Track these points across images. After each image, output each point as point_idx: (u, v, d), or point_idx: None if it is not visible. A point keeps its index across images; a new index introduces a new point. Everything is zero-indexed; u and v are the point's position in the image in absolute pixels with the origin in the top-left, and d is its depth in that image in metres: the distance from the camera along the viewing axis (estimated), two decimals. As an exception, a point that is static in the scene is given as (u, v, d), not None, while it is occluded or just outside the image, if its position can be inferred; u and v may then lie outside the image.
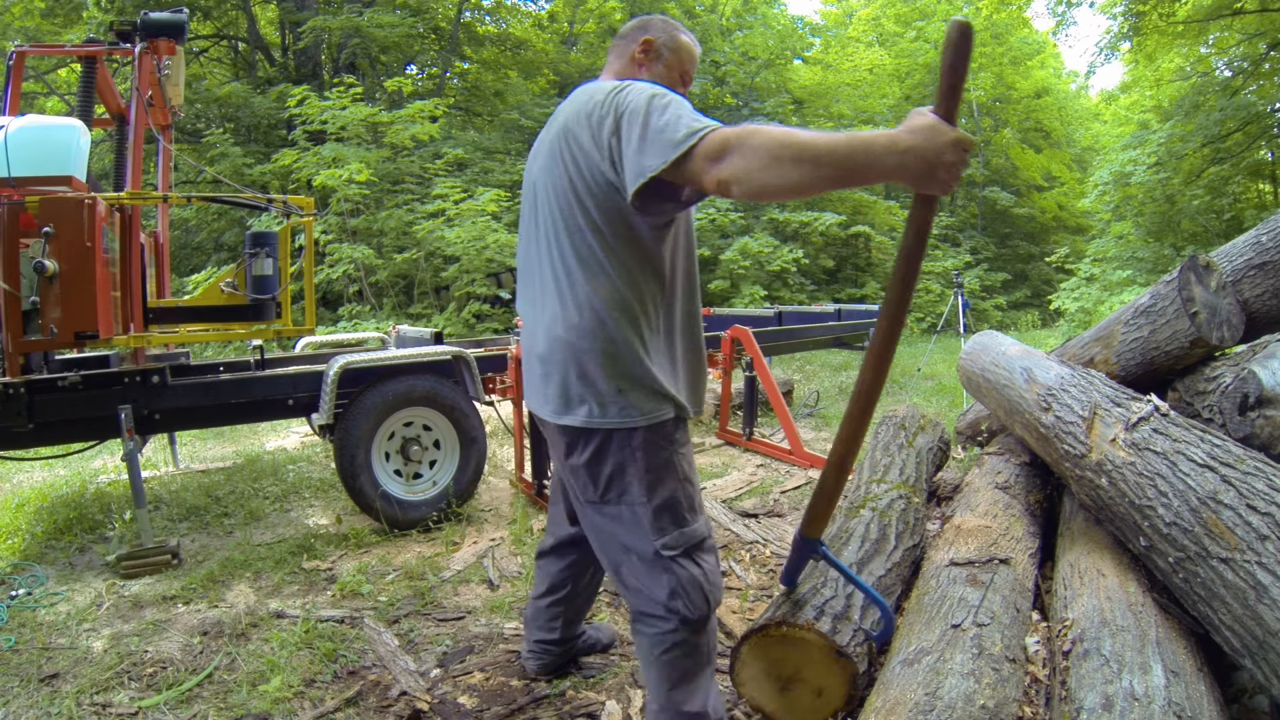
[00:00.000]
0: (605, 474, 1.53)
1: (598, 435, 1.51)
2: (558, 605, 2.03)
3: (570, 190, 1.49)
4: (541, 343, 1.58)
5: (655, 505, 1.53)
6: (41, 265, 2.63)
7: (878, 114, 17.98)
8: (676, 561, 1.53)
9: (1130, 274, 11.73)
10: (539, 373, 1.60)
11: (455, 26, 14.85)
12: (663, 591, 1.53)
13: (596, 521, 1.61)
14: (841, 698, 1.78)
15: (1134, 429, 2.06)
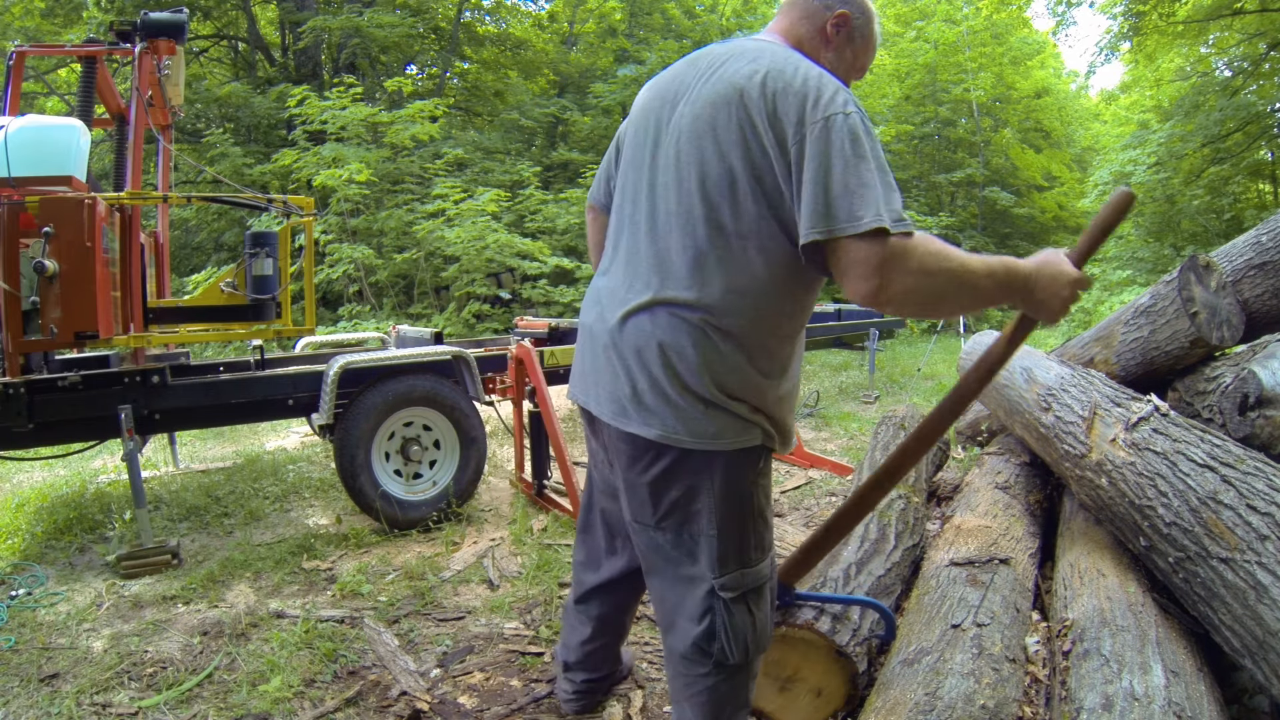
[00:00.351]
0: (671, 497, 1.33)
1: (672, 452, 1.30)
2: (609, 646, 1.85)
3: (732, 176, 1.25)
4: (627, 330, 1.33)
5: (722, 539, 1.34)
6: (41, 265, 2.63)
7: (877, 114, 18.00)
8: (729, 605, 1.35)
9: (1130, 274, 11.74)
10: (613, 365, 1.35)
11: (455, 26, 14.85)
12: (701, 632, 1.36)
13: (647, 544, 1.42)
14: (841, 697, 1.78)
15: (1134, 429, 2.06)
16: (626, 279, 1.37)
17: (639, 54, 15.39)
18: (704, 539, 1.34)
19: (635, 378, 1.31)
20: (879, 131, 15.31)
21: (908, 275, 1.15)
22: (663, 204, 1.33)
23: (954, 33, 18.89)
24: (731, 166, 1.25)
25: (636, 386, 1.31)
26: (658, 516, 1.36)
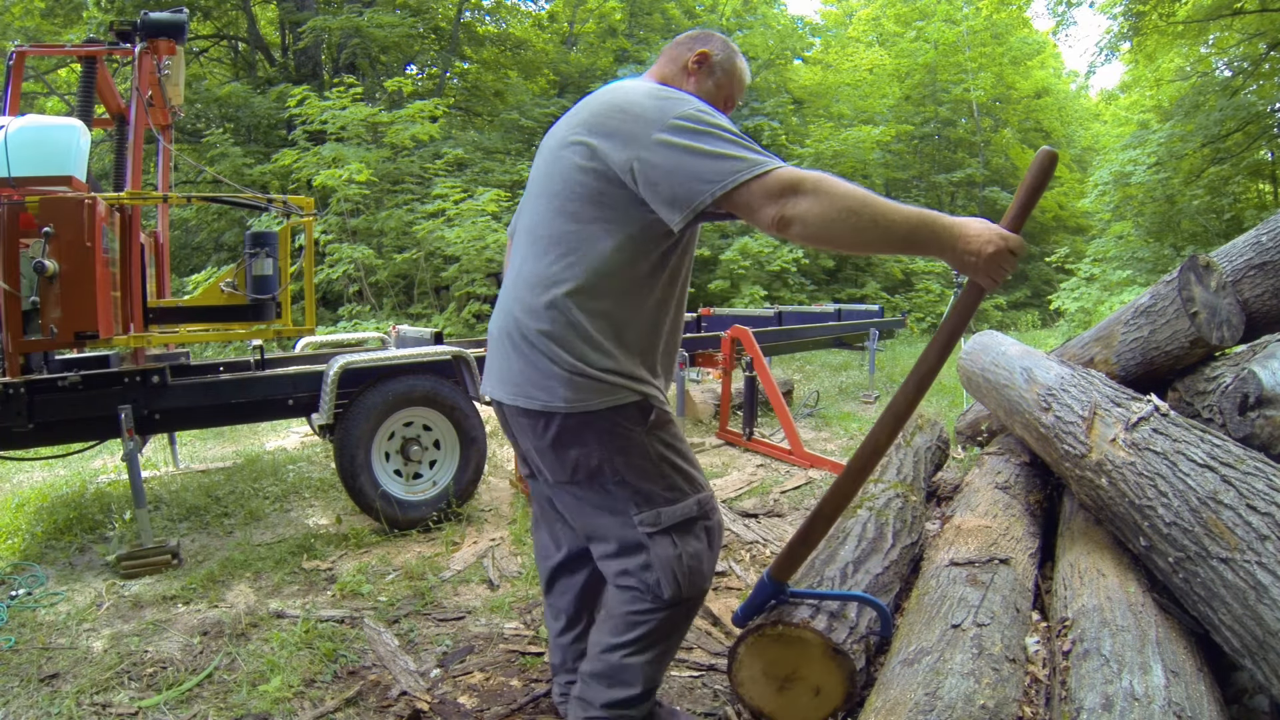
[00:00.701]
0: (572, 455, 1.50)
1: (557, 418, 1.48)
2: (582, 639, 1.84)
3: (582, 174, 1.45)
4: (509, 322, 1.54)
5: (629, 485, 1.51)
6: (41, 265, 2.63)
7: (877, 114, 18.00)
8: (653, 539, 1.51)
9: (1130, 274, 11.74)
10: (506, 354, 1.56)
11: (455, 26, 14.85)
12: (637, 563, 1.52)
13: (571, 500, 1.59)
14: (840, 696, 1.78)
15: (1134, 429, 2.06)
16: (509, 284, 1.60)
17: (639, 54, 15.40)
18: (613, 485, 1.51)
19: (520, 360, 1.51)
20: (879, 131, 15.33)
21: (807, 198, 1.30)
22: (531, 216, 1.56)
23: (954, 33, 18.89)
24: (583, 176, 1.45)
25: (522, 367, 1.50)
26: (569, 473, 1.53)
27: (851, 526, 2.38)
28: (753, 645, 1.85)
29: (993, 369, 3.21)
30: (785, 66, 17.47)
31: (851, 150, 14.78)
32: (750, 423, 4.88)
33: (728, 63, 1.69)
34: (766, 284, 12.54)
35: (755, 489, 3.94)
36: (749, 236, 12.94)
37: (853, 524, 2.40)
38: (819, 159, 14.50)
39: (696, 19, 16.94)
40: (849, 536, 2.31)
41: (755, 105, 15.71)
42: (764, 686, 1.85)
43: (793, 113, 16.19)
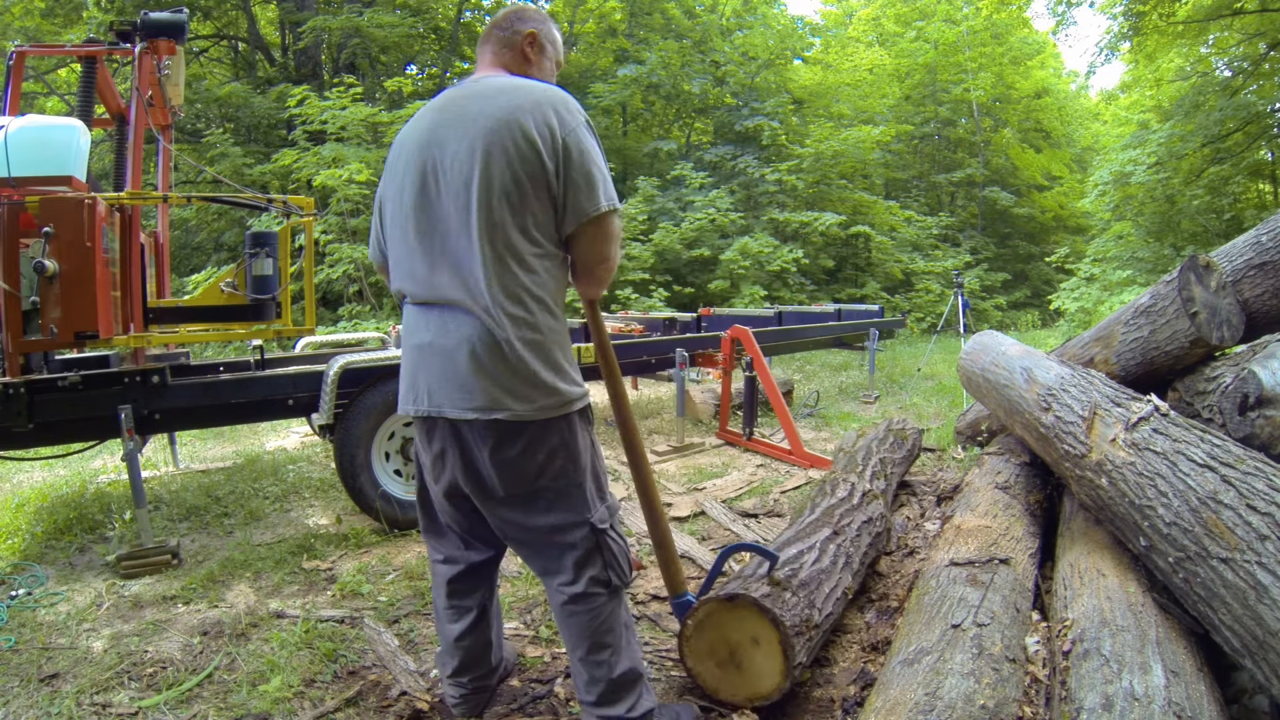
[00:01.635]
0: (539, 461, 1.55)
1: (530, 426, 1.53)
2: (486, 633, 1.89)
3: (517, 183, 1.48)
4: (469, 336, 1.51)
5: (587, 483, 1.62)
6: (41, 265, 2.63)
7: (877, 114, 18.00)
8: (606, 535, 1.62)
9: (1130, 274, 11.74)
10: (462, 370, 1.52)
11: (455, 26, 14.85)
12: (596, 567, 1.62)
13: (522, 514, 1.61)
14: (775, 637, 1.83)
15: (1134, 429, 2.06)
16: (442, 291, 1.55)
17: (639, 54, 15.40)
18: (573, 487, 1.60)
19: (488, 371, 1.51)
20: (879, 131, 15.34)
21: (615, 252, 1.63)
22: (458, 227, 1.52)
23: (954, 33, 18.89)
24: (516, 182, 1.49)
25: (490, 378, 1.51)
26: (533, 481, 1.57)
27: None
28: (702, 622, 1.94)
29: (993, 369, 3.21)
30: (785, 66, 17.47)
31: (851, 150, 14.78)
32: (750, 423, 4.88)
33: (550, 34, 1.77)
34: (766, 284, 12.54)
35: (755, 489, 3.94)
36: (749, 237, 12.95)
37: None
38: (819, 159, 14.51)
39: (696, 19, 16.95)
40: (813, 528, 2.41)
41: (755, 105, 15.71)
42: (728, 674, 1.92)
43: (793, 113, 16.18)
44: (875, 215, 15.23)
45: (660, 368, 5.10)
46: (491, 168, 1.47)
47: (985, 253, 17.93)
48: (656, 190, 13.63)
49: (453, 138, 1.53)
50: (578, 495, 1.61)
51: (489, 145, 1.48)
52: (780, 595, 1.92)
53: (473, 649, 1.87)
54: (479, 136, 1.49)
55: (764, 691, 1.86)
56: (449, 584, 1.84)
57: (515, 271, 1.50)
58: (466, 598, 1.85)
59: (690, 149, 16.40)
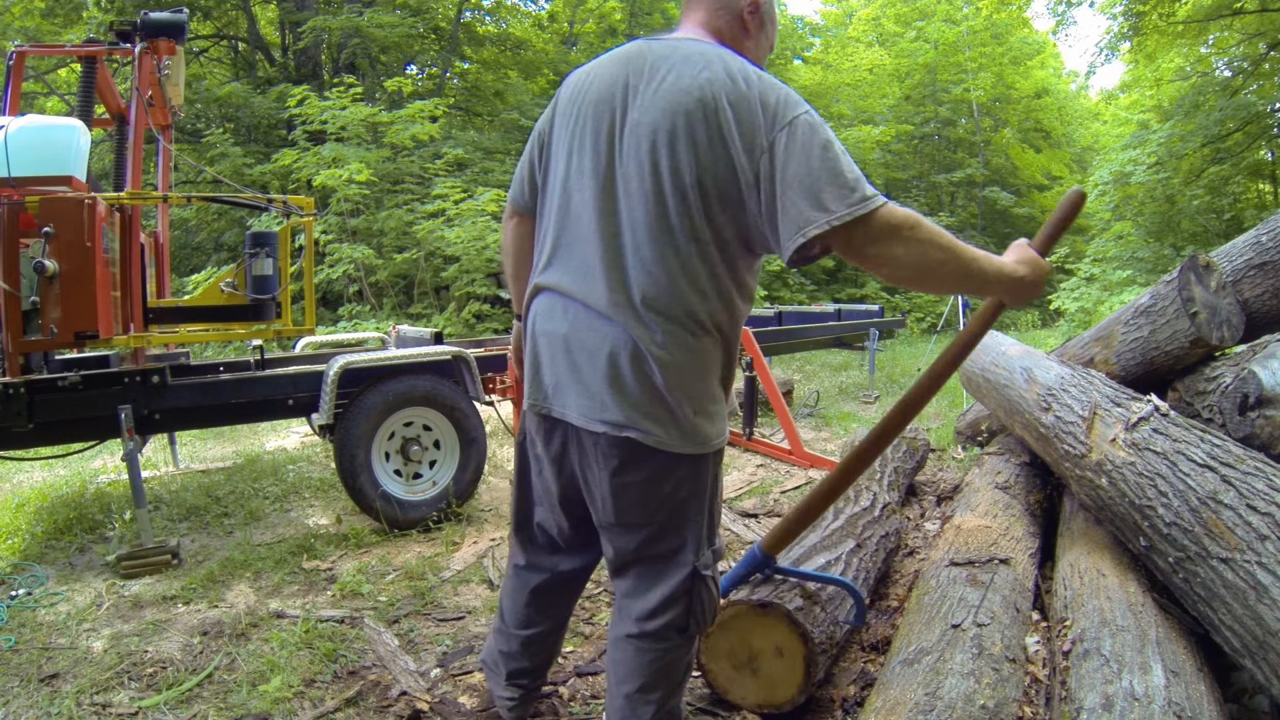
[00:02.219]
0: (663, 493, 1.39)
1: (666, 456, 1.35)
2: (558, 644, 1.81)
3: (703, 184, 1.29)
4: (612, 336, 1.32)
5: (704, 525, 1.45)
6: (41, 265, 2.63)
7: (878, 114, 18.00)
8: (705, 582, 1.44)
9: (1130, 274, 11.74)
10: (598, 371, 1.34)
11: (455, 26, 14.85)
12: (679, 612, 1.43)
13: (630, 543, 1.44)
14: (800, 651, 1.81)
15: (1134, 429, 2.06)
16: (594, 284, 1.35)
17: (639, 54, 15.35)
18: (690, 526, 1.43)
19: (628, 384, 1.32)
20: (879, 131, 15.35)
21: (907, 248, 1.23)
22: (627, 211, 1.33)
23: (954, 33, 18.89)
24: (701, 178, 1.28)
25: (630, 393, 1.32)
26: (649, 513, 1.41)
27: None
28: (709, 651, 1.91)
29: (993, 369, 3.21)
30: (785, 66, 17.48)
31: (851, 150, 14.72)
32: (750, 423, 4.88)
33: (772, 11, 1.52)
34: (766, 284, 12.54)
35: (755, 489, 3.94)
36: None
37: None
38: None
39: (696, 19, 16.89)
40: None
41: (755, 105, 15.68)
42: (745, 680, 1.89)
43: (793, 112, 16.17)
44: (875, 215, 15.20)
45: (660, 368, 5.09)
46: (679, 156, 1.27)
47: (982, 249, 17.89)
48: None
49: (643, 106, 1.32)
50: (692, 533, 1.43)
51: (681, 129, 1.28)
52: (812, 610, 1.88)
53: (540, 654, 1.76)
54: (671, 115, 1.28)
55: (777, 701, 1.85)
56: (534, 593, 1.69)
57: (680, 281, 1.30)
58: (550, 608, 1.72)
59: (690, 149, 16.36)
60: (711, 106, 1.27)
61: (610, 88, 1.38)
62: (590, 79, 1.43)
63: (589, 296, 1.35)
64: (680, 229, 1.30)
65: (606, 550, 1.51)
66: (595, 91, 1.40)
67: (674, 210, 1.29)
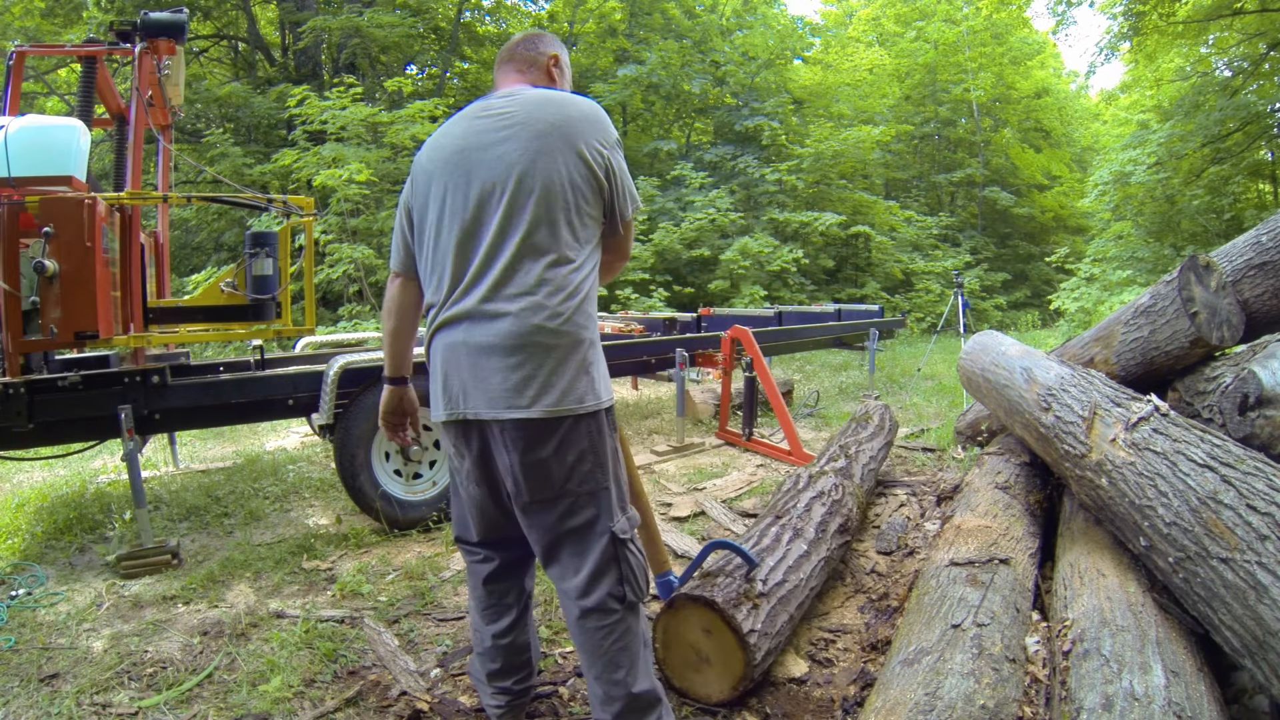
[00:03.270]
0: (569, 462, 1.52)
1: (565, 422, 1.51)
2: (525, 632, 1.86)
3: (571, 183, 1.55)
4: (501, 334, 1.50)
5: (613, 488, 1.59)
6: (41, 265, 2.63)
7: (877, 114, 18.00)
8: (627, 546, 1.57)
9: (1130, 274, 11.74)
10: (494, 367, 1.50)
11: (455, 26, 14.86)
12: (613, 581, 1.56)
13: (549, 521, 1.57)
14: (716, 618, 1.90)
15: (1134, 429, 2.06)
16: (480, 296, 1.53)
17: (639, 54, 15.40)
18: (601, 492, 1.56)
19: (520, 370, 1.50)
20: (879, 131, 15.35)
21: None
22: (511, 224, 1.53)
23: (954, 33, 18.90)
24: (572, 182, 1.54)
25: (524, 377, 1.50)
26: (561, 483, 1.54)
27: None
28: (662, 638, 2.02)
29: (993, 369, 3.21)
30: (785, 66, 17.47)
31: (851, 150, 14.78)
32: (750, 423, 4.88)
33: (566, 56, 1.88)
34: (766, 284, 12.54)
35: (755, 489, 3.94)
36: (749, 237, 12.94)
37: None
38: (819, 159, 14.51)
39: (696, 19, 16.95)
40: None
41: (755, 105, 15.71)
42: (702, 675, 1.96)
43: (793, 113, 16.19)
44: (875, 215, 15.23)
45: (660, 368, 5.10)
46: (548, 170, 1.52)
47: (985, 253, 17.93)
48: (656, 190, 13.63)
49: (499, 140, 1.56)
50: (603, 500, 1.57)
51: (545, 148, 1.53)
52: (712, 581, 2.01)
53: (513, 647, 1.82)
54: (533, 138, 1.54)
55: (738, 671, 1.89)
56: (486, 582, 1.80)
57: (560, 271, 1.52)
58: (506, 594, 1.82)
59: (690, 149, 16.40)
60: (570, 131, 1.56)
61: (468, 140, 1.61)
62: (447, 141, 1.66)
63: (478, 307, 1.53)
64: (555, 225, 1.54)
65: (532, 537, 1.63)
66: (457, 148, 1.63)
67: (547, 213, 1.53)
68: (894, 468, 4.13)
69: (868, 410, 4.02)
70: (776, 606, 2.03)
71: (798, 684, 2.04)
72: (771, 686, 2.02)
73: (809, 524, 2.47)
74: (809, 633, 2.31)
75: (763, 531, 2.39)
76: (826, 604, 2.52)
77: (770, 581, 2.08)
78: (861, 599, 2.53)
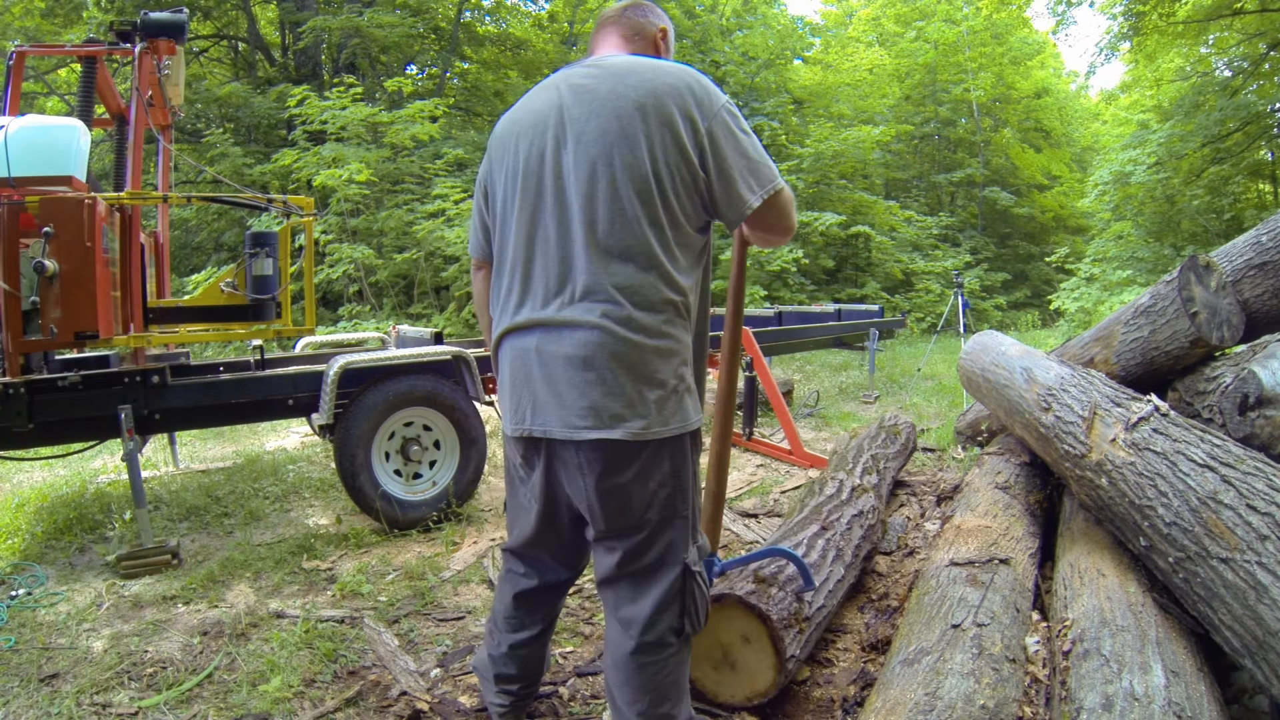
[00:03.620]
0: (651, 489, 1.39)
1: (649, 446, 1.36)
2: (545, 647, 1.80)
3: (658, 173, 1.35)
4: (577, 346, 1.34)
5: (690, 517, 1.45)
6: (41, 265, 2.63)
7: (877, 114, 18.00)
8: (696, 580, 1.45)
9: (1130, 274, 11.73)
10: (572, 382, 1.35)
11: (455, 26, 14.85)
12: (675, 615, 1.44)
13: (623, 552, 1.43)
14: (764, 631, 1.85)
15: (1134, 429, 2.06)
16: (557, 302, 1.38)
17: (639, 54, 15.36)
18: (678, 521, 1.44)
19: (601, 387, 1.34)
20: (879, 131, 15.35)
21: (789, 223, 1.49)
22: (586, 219, 1.36)
23: (954, 33, 18.89)
24: (658, 170, 1.35)
25: (604, 395, 1.34)
26: (640, 513, 1.40)
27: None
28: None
29: (993, 369, 3.21)
30: (785, 66, 17.47)
31: (851, 150, 14.78)
32: (750, 423, 4.88)
33: (673, 34, 1.68)
34: (766, 284, 12.53)
35: (755, 489, 3.94)
36: (749, 236, 12.91)
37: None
38: (819, 159, 14.50)
39: (696, 19, 16.94)
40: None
41: (755, 105, 15.70)
42: (724, 675, 1.92)
43: (793, 113, 16.19)
44: (875, 215, 15.23)
45: (660, 368, 5.09)
46: (631, 155, 1.34)
47: (985, 253, 17.92)
48: (656, 190, 13.59)
49: (581, 117, 1.38)
50: (680, 530, 1.44)
51: (626, 130, 1.34)
52: (766, 591, 1.94)
53: (529, 659, 1.76)
54: (614, 118, 1.35)
55: (761, 688, 1.87)
56: (519, 597, 1.70)
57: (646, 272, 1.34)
58: (536, 611, 1.73)
59: (690, 149, 16.36)
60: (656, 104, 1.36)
61: (542, 118, 1.44)
62: (522, 118, 1.50)
63: (554, 315, 1.38)
64: (645, 222, 1.35)
65: (601, 560, 1.49)
66: (531, 126, 1.46)
67: (637, 207, 1.34)
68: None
69: (897, 423, 3.87)
70: (814, 632, 2.01)
71: (798, 684, 2.04)
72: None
73: (849, 545, 2.40)
74: (809, 633, 2.31)
75: (810, 541, 2.29)
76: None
77: (814, 605, 2.02)
78: (861, 599, 2.53)
